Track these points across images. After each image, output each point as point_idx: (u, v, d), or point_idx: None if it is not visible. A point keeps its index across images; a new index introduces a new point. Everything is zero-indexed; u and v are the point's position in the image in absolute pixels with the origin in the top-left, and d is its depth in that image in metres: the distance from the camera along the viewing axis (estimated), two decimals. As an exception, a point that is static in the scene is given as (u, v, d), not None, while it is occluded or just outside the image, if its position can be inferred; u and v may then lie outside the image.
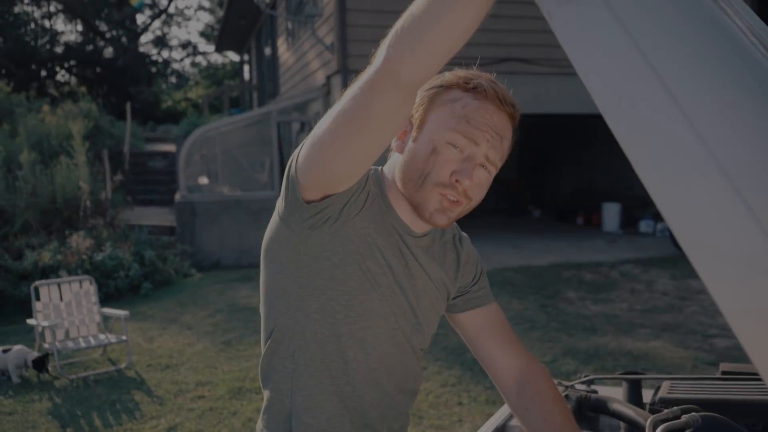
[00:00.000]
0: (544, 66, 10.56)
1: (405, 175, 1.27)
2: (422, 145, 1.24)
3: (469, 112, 1.23)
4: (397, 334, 1.35)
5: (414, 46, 0.96)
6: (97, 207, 9.32)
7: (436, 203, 1.25)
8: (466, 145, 1.23)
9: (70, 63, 30.14)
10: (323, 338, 1.29)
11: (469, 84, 1.26)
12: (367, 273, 1.28)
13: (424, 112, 1.27)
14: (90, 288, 5.69)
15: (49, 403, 4.71)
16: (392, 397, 1.38)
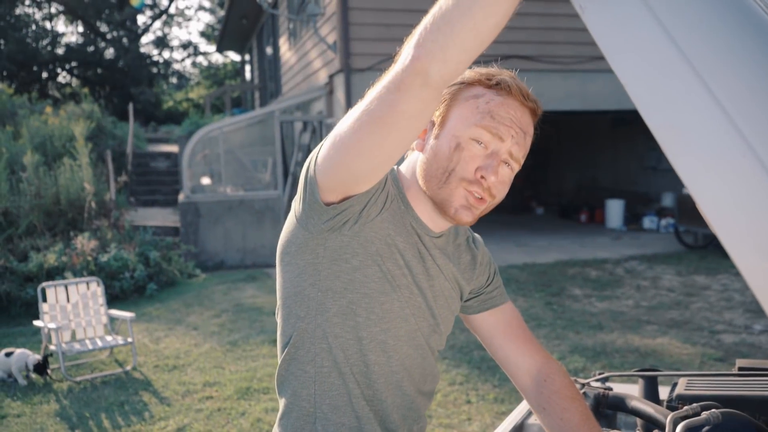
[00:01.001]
0: (547, 63, 10.54)
1: (428, 173, 1.26)
2: (445, 141, 1.23)
3: (494, 108, 1.21)
4: (417, 335, 1.34)
5: (444, 43, 0.95)
6: (101, 208, 9.32)
7: (462, 199, 1.23)
8: (491, 141, 1.22)
9: (72, 64, 30.15)
10: (344, 342, 1.28)
11: (492, 80, 1.24)
12: (387, 275, 1.26)
13: (446, 108, 1.25)
14: (97, 289, 5.69)
15: (57, 405, 4.70)
16: (412, 399, 1.37)
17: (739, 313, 6.46)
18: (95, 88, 28.59)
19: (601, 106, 10.97)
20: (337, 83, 10.16)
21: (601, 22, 0.83)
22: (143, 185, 14.34)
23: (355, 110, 1.09)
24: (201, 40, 41.23)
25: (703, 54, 0.73)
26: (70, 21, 31.22)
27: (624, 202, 12.65)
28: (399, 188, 1.32)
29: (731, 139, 0.69)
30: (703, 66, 0.72)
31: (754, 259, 0.69)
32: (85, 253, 7.84)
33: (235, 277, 8.79)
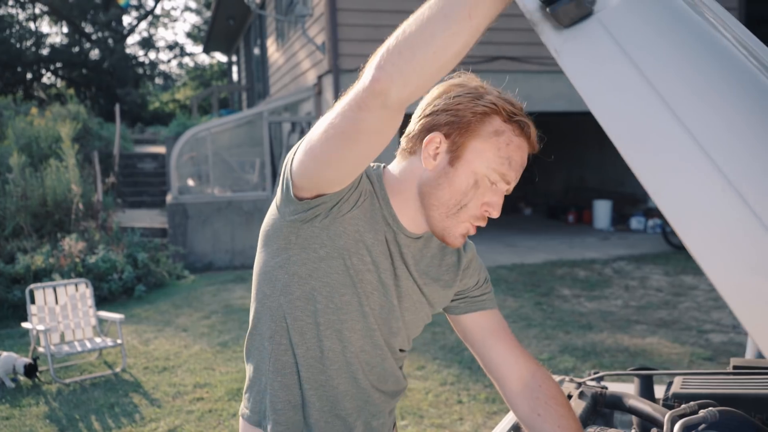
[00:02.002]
0: (535, 64, 10.59)
1: (439, 200, 1.29)
2: (463, 175, 1.27)
3: (512, 154, 1.27)
4: (375, 334, 1.38)
5: (405, 67, 0.98)
6: (88, 209, 9.25)
7: (464, 230, 1.31)
8: (500, 183, 1.29)
9: (56, 65, 29.93)
10: (303, 325, 1.34)
11: (513, 117, 1.28)
12: (350, 269, 1.31)
13: (465, 136, 1.26)
14: (86, 291, 5.65)
15: (46, 407, 4.67)
16: (369, 393, 1.41)
17: (726, 312, 6.51)
18: (80, 89, 28.39)
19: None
20: (326, 84, 10.16)
21: (576, 64, 0.83)
22: (130, 186, 14.25)
23: (325, 120, 1.14)
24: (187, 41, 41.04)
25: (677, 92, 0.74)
26: (54, 22, 31.00)
27: (611, 202, 12.73)
28: (380, 186, 1.35)
29: (709, 175, 0.71)
30: (678, 104, 0.74)
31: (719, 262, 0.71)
32: (73, 254, 7.79)
33: (224, 279, 8.76)
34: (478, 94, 1.28)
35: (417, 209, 1.33)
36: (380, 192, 1.34)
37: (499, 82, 1.35)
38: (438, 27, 0.94)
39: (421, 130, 1.30)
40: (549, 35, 0.87)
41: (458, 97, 1.28)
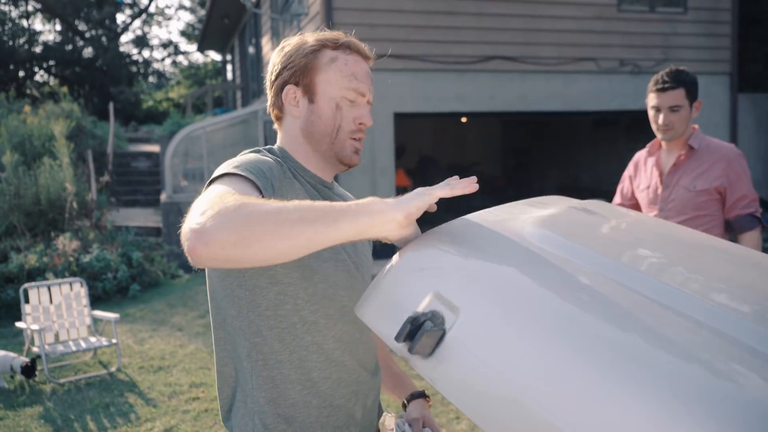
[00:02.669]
0: (530, 64, 10.60)
1: (316, 134, 1.45)
2: (324, 105, 1.44)
3: (353, 69, 1.44)
4: (347, 310, 1.42)
5: (232, 250, 0.99)
6: (82, 208, 9.22)
7: (352, 148, 1.47)
8: (358, 97, 1.45)
9: (49, 63, 29.80)
10: (280, 331, 1.37)
11: (334, 42, 1.45)
12: (305, 258, 1.32)
13: (309, 75, 1.44)
14: (81, 290, 5.63)
15: (41, 407, 4.65)
16: (358, 374, 1.47)
17: (720, 311, 6.54)
18: (74, 87, 28.27)
19: (582, 107, 11.05)
20: (321, 83, 10.14)
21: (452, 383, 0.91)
22: (124, 185, 14.21)
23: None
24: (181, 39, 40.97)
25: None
26: (47, 19, 30.86)
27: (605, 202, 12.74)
28: (289, 159, 1.47)
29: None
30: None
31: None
32: (67, 253, 7.75)
33: (218, 278, 8.73)
34: (302, 41, 1.46)
35: (314, 157, 1.48)
36: (292, 163, 1.46)
37: (495, 82, 1.38)
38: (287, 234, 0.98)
39: (276, 94, 1.48)
40: (421, 368, 0.95)
41: (288, 52, 1.46)
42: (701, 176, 2.83)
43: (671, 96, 2.77)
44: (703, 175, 2.83)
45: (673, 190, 2.87)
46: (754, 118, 12.46)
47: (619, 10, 11.13)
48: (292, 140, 1.49)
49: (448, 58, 10.09)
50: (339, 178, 9.82)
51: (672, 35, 11.41)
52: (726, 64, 11.75)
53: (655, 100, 2.82)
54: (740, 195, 2.82)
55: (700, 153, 2.86)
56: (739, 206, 2.82)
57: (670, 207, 2.86)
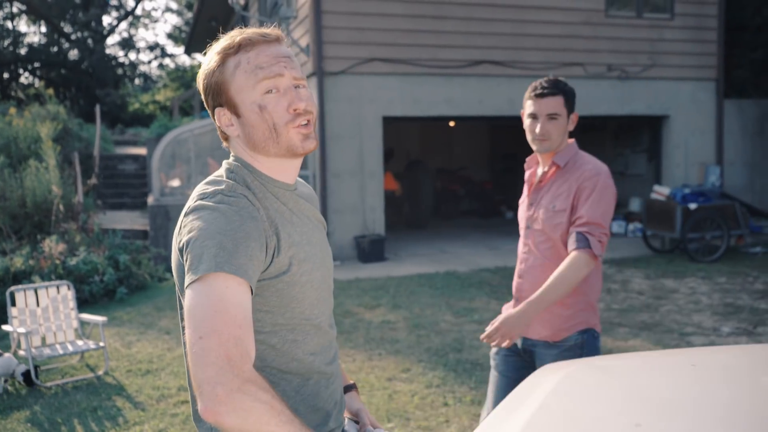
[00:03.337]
0: (518, 68, 10.65)
1: (258, 141, 1.44)
2: (249, 112, 1.42)
3: (255, 62, 1.41)
4: (321, 324, 1.53)
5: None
6: (68, 211, 9.15)
7: (299, 136, 1.44)
8: (276, 83, 1.41)
9: (35, 65, 29.57)
10: (260, 353, 1.42)
11: (233, 47, 1.42)
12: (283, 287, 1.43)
13: (224, 92, 1.43)
14: (68, 293, 5.58)
15: (28, 410, 4.60)
16: (329, 375, 1.56)
17: (707, 315, 6.59)
18: (59, 89, 28.05)
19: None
20: (310, 86, 10.13)
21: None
22: (111, 188, 14.12)
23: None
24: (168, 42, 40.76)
25: None
26: (32, 21, 30.63)
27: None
28: (252, 172, 1.47)
29: None
30: None
31: None
32: (53, 256, 7.69)
33: (206, 281, 8.68)
34: (209, 61, 1.46)
35: (272, 163, 1.48)
36: (255, 174, 1.46)
37: (483, 86, 1.39)
38: None
39: (216, 121, 1.49)
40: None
41: (203, 78, 1.47)
42: (561, 195, 2.61)
43: (550, 102, 2.58)
44: (563, 194, 2.61)
45: (536, 208, 2.68)
46: (740, 124, 12.58)
47: (607, 16, 11.21)
48: (246, 155, 1.48)
49: (436, 62, 10.11)
50: (329, 182, 9.81)
51: (659, 41, 11.50)
52: (712, 70, 11.86)
53: (532, 107, 2.62)
54: (579, 214, 2.54)
55: (566, 171, 2.65)
56: (575, 224, 2.54)
57: (535, 227, 2.66)
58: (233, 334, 1.21)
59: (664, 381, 1.67)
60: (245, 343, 1.22)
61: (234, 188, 1.40)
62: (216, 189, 1.39)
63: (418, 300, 7.35)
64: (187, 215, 1.36)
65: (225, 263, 1.26)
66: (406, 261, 9.83)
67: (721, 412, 1.44)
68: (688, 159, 11.85)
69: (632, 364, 1.92)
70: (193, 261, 1.28)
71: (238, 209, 1.34)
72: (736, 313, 6.64)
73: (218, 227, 1.30)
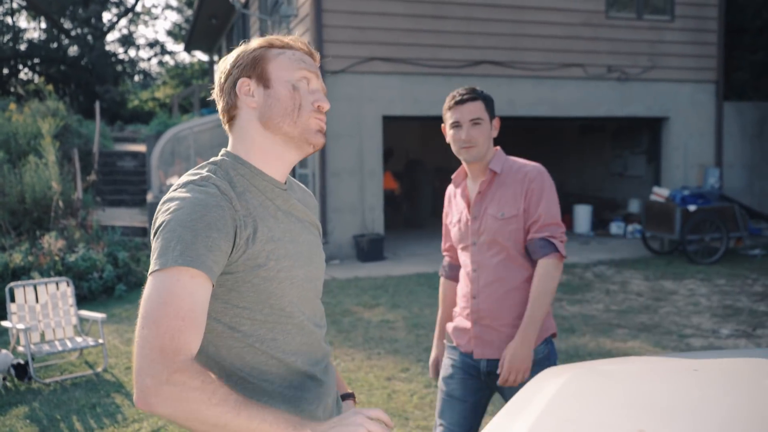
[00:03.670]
0: (518, 69, 10.65)
1: (277, 116, 1.47)
2: (281, 87, 1.48)
3: (300, 56, 1.51)
4: (303, 324, 1.50)
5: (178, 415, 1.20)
6: (67, 207, 9.14)
7: (316, 125, 1.50)
8: (311, 78, 1.51)
9: (34, 61, 29.53)
10: (239, 350, 1.43)
11: (282, 43, 1.52)
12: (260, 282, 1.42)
13: (261, 67, 1.48)
14: (67, 290, 5.58)
15: (26, 407, 4.60)
16: (317, 379, 1.54)
17: (706, 317, 6.60)
18: (59, 85, 28.02)
19: (569, 112, 11.12)
20: (310, 85, 10.13)
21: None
22: (110, 185, 14.11)
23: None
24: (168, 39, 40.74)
25: None
26: (32, 17, 30.60)
27: (591, 207, 12.83)
28: (242, 167, 1.47)
29: None
30: None
31: None
32: (52, 252, 7.69)
33: (205, 279, 8.68)
34: (244, 46, 1.52)
35: (274, 150, 1.49)
36: (245, 170, 1.46)
37: (483, 86, 1.40)
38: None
39: (229, 95, 1.50)
40: None
41: (234, 56, 1.51)
42: (507, 202, 2.53)
43: (471, 108, 2.51)
44: (510, 200, 2.53)
45: (482, 220, 2.55)
46: (740, 126, 12.60)
47: (607, 17, 11.21)
48: (248, 139, 1.50)
49: (436, 61, 10.11)
50: (328, 181, 9.82)
51: (659, 42, 11.51)
52: (712, 72, 11.87)
53: (454, 115, 2.53)
54: (535, 217, 2.50)
55: (504, 176, 2.57)
56: (533, 229, 2.51)
57: (482, 240, 2.55)
58: (172, 325, 1.21)
59: (667, 386, 1.67)
60: (184, 335, 1.22)
61: (207, 178, 1.40)
62: (189, 179, 1.41)
63: (417, 299, 7.35)
64: (160, 204, 1.38)
65: (179, 256, 1.26)
66: (405, 260, 9.84)
67: (724, 418, 1.45)
68: (688, 161, 11.86)
69: (634, 369, 1.93)
70: (154, 252, 1.30)
71: (205, 198, 1.34)
72: (735, 315, 6.65)
73: (180, 219, 1.31)
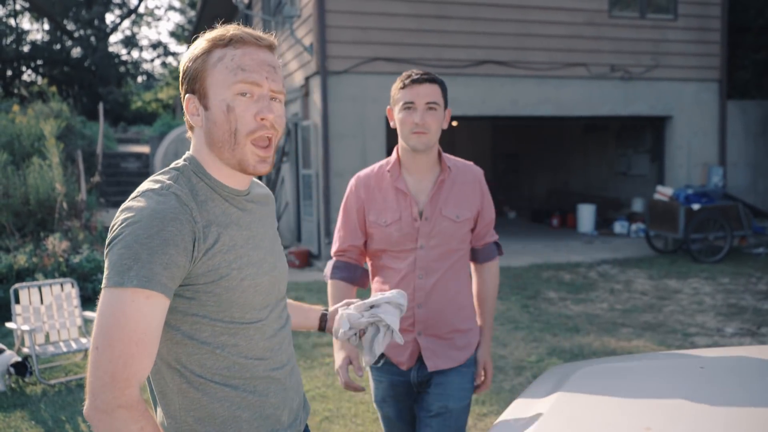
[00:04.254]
0: (521, 69, 10.64)
1: (215, 141, 1.39)
2: (216, 108, 1.37)
3: (240, 62, 1.37)
4: (265, 327, 1.47)
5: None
6: (71, 209, 9.16)
7: (254, 157, 1.39)
8: (252, 89, 1.37)
9: (37, 62, 29.61)
10: (200, 357, 1.40)
11: (224, 39, 1.38)
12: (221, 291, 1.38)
13: (200, 81, 1.39)
14: (71, 291, 5.59)
15: (31, 408, 4.61)
16: (282, 381, 1.52)
17: (710, 316, 6.59)
18: (62, 86, 28.09)
19: (573, 112, 11.11)
20: (314, 85, 10.14)
21: None
22: (113, 186, 14.14)
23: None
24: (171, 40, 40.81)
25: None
26: (35, 18, 30.67)
27: (595, 206, 12.82)
28: (200, 172, 1.42)
29: None
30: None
31: None
32: (57, 254, 7.70)
33: (209, 280, 8.69)
34: (195, 46, 1.41)
35: (227, 168, 1.42)
36: (203, 175, 1.41)
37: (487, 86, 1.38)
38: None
39: (183, 105, 1.43)
40: None
41: (185, 60, 1.42)
42: (462, 204, 2.32)
43: (428, 90, 2.23)
44: (464, 202, 2.32)
45: (436, 222, 2.27)
46: (743, 124, 12.57)
47: (610, 16, 11.20)
48: (204, 154, 1.43)
49: (440, 61, 10.11)
50: (331, 181, 9.81)
51: (662, 41, 11.49)
52: (715, 71, 11.85)
53: (408, 95, 2.23)
54: (489, 220, 2.40)
55: (454, 175, 2.34)
56: (489, 233, 2.42)
57: (433, 243, 2.27)
58: (125, 351, 1.22)
59: (673, 384, 1.67)
60: (136, 362, 1.23)
61: (168, 187, 1.35)
62: (149, 187, 1.36)
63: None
64: (119, 211, 1.33)
65: (135, 277, 1.24)
66: (408, 260, 9.82)
67: (731, 415, 1.44)
68: (691, 160, 11.84)
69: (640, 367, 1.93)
70: (107, 267, 1.27)
71: (163, 209, 1.30)
72: (740, 313, 6.64)
73: (136, 234, 1.26)
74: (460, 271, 2.35)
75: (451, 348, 2.32)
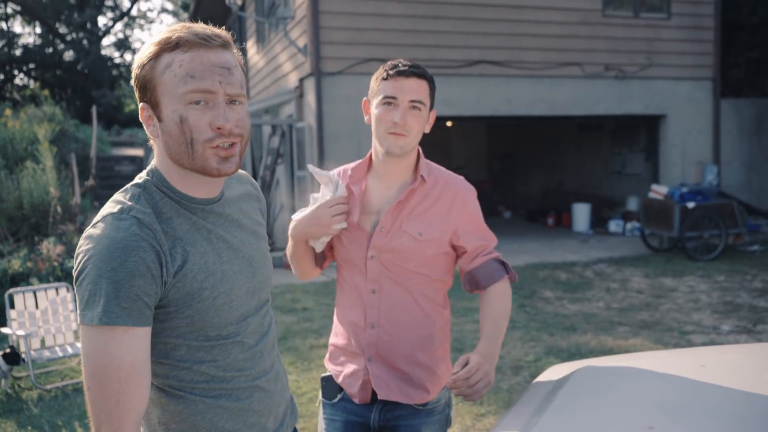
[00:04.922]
0: (516, 68, 10.65)
1: (174, 154, 1.31)
2: (169, 120, 1.28)
3: (188, 68, 1.26)
4: (243, 340, 1.43)
5: None
6: (66, 213, 9.12)
7: (215, 159, 1.30)
8: (205, 97, 1.27)
9: (29, 66, 29.50)
10: (178, 372, 1.37)
11: (171, 42, 1.28)
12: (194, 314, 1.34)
13: (151, 91, 1.29)
14: (67, 295, 5.56)
15: (28, 414, 4.58)
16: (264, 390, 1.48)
17: (707, 314, 6.60)
18: (55, 90, 27.99)
19: (568, 111, 11.13)
20: (308, 87, 10.13)
21: None
22: (107, 189, 14.08)
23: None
24: (163, 42, 40.67)
25: None
26: (27, 22, 30.56)
27: (590, 205, 12.84)
28: (165, 185, 1.35)
29: None
30: None
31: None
32: (51, 258, 7.66)
33: (204, 282, 8.66)
34: (141, 52, 1.32)
35: (191, 177, 1.35)
36: (167, 189, 1.35)
37: (481, 86, 1.36)
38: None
39: (139, 114, 1.36)
40: None
41: (134, 72, 1.32)
42: (430, 221, 1.95)
43: (415, 85, 1.90)
44: (433, 220, 1.96)
45: (394, 236, 1.94)
46: (737, 123, 12.61)
47: (604, 16, 11.22)
48: (165, 164, 1.36)
49: (434, 62, 10.11)
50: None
51: (656, 40, 11.52)
52: (709, 69, 11.88)
53: (390, 88, 1.90)
54: (477, 245, 2.00)
55: (429, 187, 1.99)
56: (484, 251, 2.01)
57: (385, 258, 1.94)
58: (115, 389, 1.23)
59: (674, 382, 1.67)
60: (128, 398, 1.24)
61: (128, 210, 1.29)
62: (108, 212, 1.30)
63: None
64: (81, 239, 1.29)
65: (105, 314, 1.21)
66: (404, 261, 9.81)
67: (733, 414, 1.44)
68: (686, 158, 11.87)
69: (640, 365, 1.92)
70: (80, 302, 1.24)
71: (124, 237, 1.24)
72: (736, 311, 6.65)
73: (99, 268, 1.22)
74: (430, 298, 1.99)
75: (405, 382, 1.94)
